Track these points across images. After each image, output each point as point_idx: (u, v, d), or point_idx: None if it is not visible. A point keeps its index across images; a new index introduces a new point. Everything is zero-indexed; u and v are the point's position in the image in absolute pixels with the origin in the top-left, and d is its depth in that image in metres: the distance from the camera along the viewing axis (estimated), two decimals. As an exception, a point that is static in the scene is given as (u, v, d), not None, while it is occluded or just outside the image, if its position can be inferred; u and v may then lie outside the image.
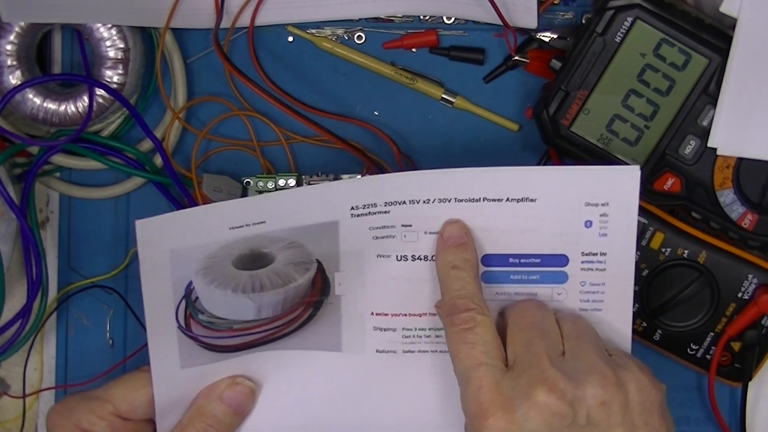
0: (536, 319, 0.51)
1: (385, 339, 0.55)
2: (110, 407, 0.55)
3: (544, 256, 0.53)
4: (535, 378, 0.48)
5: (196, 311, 0.56)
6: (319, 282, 0.56)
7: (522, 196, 0.53)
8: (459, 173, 0.53)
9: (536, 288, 0.54)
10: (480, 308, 0.51)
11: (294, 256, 0.56)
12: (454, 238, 0.53)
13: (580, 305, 0.54)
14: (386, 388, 0.55)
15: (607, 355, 0.51)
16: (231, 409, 0.56)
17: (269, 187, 0.64)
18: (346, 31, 0.65)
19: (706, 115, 0.59)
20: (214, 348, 0.57)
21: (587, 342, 0.51)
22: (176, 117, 0.64)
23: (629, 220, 0.52)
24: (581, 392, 0.48)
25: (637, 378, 0.49)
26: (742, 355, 0.62)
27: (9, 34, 0.61)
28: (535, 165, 0.65)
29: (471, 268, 0.53)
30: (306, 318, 0.56)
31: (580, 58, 0.59)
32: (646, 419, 0.49)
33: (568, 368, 0.49)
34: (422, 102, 0.65)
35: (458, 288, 0.52)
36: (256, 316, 0.56)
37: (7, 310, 0.63)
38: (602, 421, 0.48)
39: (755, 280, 0.61)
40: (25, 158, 0.65)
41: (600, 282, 0.53)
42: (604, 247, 0.53)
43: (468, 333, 0.50)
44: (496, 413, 0.48)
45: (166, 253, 0.56)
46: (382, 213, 0.54)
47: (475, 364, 0.49)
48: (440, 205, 0.53)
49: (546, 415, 0.47)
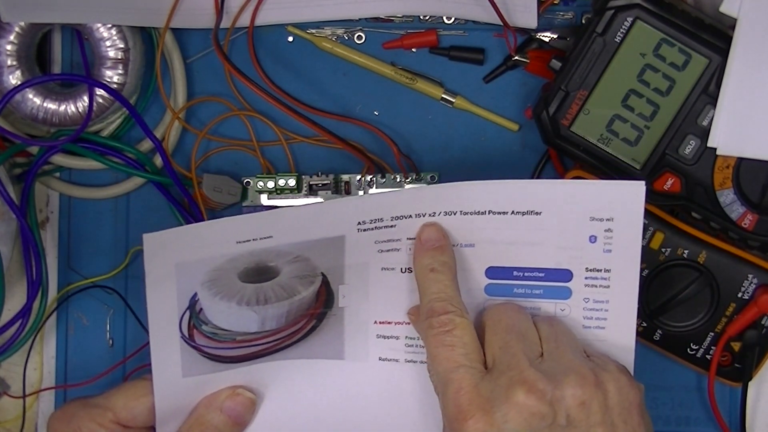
0: (514, 322, 0.51)
1: (388, 347, 0.55)
2: (111, 415, 0.55)
3: (548, 270, 0.53)
4: (514, 379, 0.48)
5: (199, 322, 0.57)
6: (324, 295, 0.56)
7: (527, 209, 0.53)
8: (464, 186, 0.53)
9: (539, 302, 0.53)
10: (459, 311, 0.51)
11: (299, 269, 0.56)
12: (432, 241, 0.53)
13: (583, 322, 0.53)
14: (388, 396, 0.55)
15: (585, 356, 0.51)
16: (231, 420, 0.56)
17: (269, 186, 0.64)
18: (346, 31, 0.65)
19: (706, 115, 0.59)
20: (217, 358, 0.57)
21: (565, 343, 0.51)
22: (176, 117, 0.64)
23: (634, 236, 0.52)
24: (560, 392, 0.48)
25: (616, 378, 0.49)
26: (742, 355, 0.62)
27: (9, 34, 0.61)
28: (535, 164, 0.65)
29: (449, 270, 0.52)
30: (309, 329, 0.56)
31: (580, 58, 0.59)
32: (625, 419, 0.49)
33: (546, 369, 0.49)
34: (422, 102, 0.65)
35: (436, 291, 0.52)
36: (260, 328, 0.56)
37: (7, 310, 0.63)
38: (582, 421, 0.48)
39: (755, 280, 0.61)
40: (25, 158, 0.65)
41: (604, 299, 0.53)
42: (608, 264, 0.52)
43: (447, 335, 0.50)
44: (475, 415, 0.47)
45: (172, 266, 0.56)
46: (388, 227, 0.54)
47: (454, 366, 0.49)
48: (446, 218, 0.53)
49: (525, 416, 0.47)
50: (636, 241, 0.52)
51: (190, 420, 0.56)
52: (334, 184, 0.64)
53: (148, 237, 0.57)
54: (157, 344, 0.56)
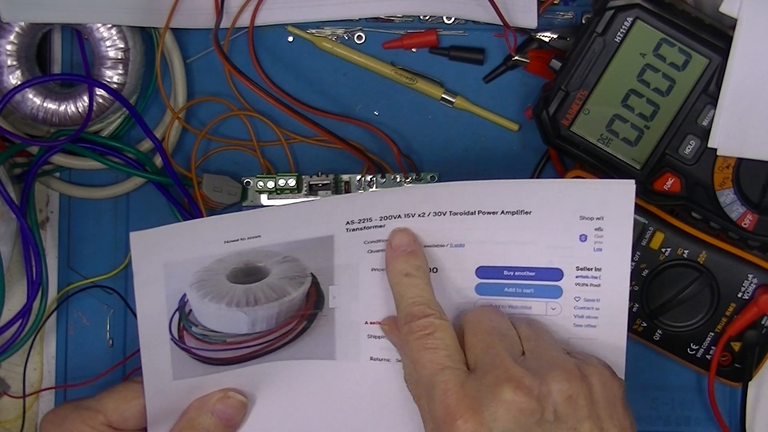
0: (494, 323, 0.51)
1: (379, 347, 0.55)
2: (102, 418, 0.55)
3: (539, 269, 0.53)
4: (500, 377, 0.48)
5: (189, 324, 0.56)
6: (314, 295, 0.56)
7: (517, 209, 0.53)
8: (454, 187, 0.53)
9: (530, 302, 0.54)
10: (438, 313, 0.51)
11: (288, 270, 0.56)
12: (404, 245, 0.53)
13: (574, 321, 0.53)
14: (380, 395, 0.55)
15: (566, 353, 0.51)
16: (222, 423, 0.55)
17: (269, 187, 0.64)
18: (346, 31, 0.65)
19: (706, 115, 0.59)
20: (207, 360, 0.56)
21: (546, 341, 0.51)
22: (176, 117, 0.64)
23: (624, 235, 0.52)
24: (547, 388, 0.48)
25: (599, 372, 0.50)
26: (742, 355, 0.62)
27: (9, 34, 0.61)
28: (535, 164, 0.65)
29: (423, 274, 0.53)
30: (299, 331, 0.56)
31: (580, 58, 0.59)
32: (611, 412, 0.49)
33: (531, 366, 0.49)
34: (422, 102, 0.65)
35: (413, 295, 0.52)
36: (250, 329, 0.56)
37: (7, 310, 0.63)
38: (569, 415, 0.48)
39: (755, 280, 0.61)
40: (25, 158, 0.65)
41: (595, 298, 0.53)
42: (598, 263, 0.53)
43: (428, 338, 0.50)
44: (464, 414, 0.47)
45: (161, 266, 0.56)
46: (377, 227, 0.54)
47: (438, 368, 0.49)
48: (435, 218, 0.53)
49: (514, 413, 0.47)
50: (626, 240, 0.52)
51: (180, 422, 0.56)
52: (334, 184, 0.64)
53: (135, 235, 0.56)
54: (147, 346, 0.56)
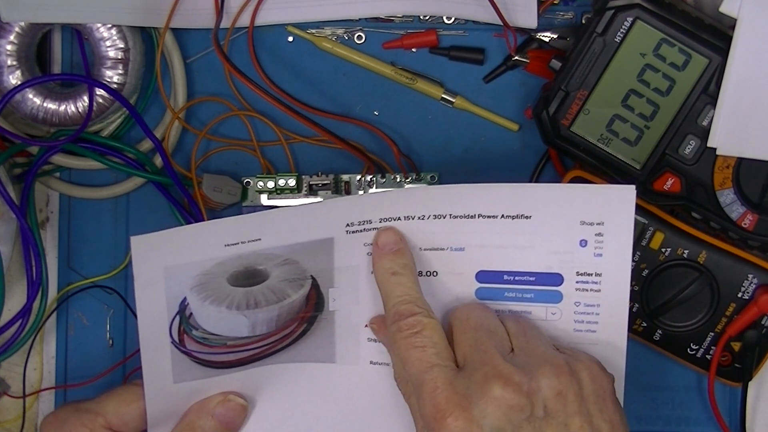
0: (482, 320, 0.51)
1: (378, 350, 0.55)
2: (102, 420, 0.55)
3: (539, 274, 0.53)
4: (489, 374, 0.48)
5: (190, 327, 0.56)
6: (314, 298, 0.56)
7: (517, 213, 0.53)
8: (454, 189, 0.53)
9: (530, 306, 0.53)
10: (425, 311, 0.51)
11: (288, 272, 0.56)
12: (390, 244, 0.53)
13: (574, 326, 0.53)
14: (379, 399, 0.55)
15: (555, 348, 0.51)
16: (222, 426, 0.55)
17: (269, 187, 0.64)
18: (346, 31, 0.65)
19: (706, 115, 0.59)
20: (208, 364, 0.57)
21: (535, 337, 0.51)
22: (176, 117, 0.64)
23: (625, 240, 0.52)
24: (536, 384, 0.48)
25: (588, 367, 0.50)
26: (742, 355, 0.62)
27: (9, 34, 0.61)
28: (535, 165, 0.65)
29: (410, 273, 0.53)
30: (300, 333, 0.56)
31: (580, 58, 0.59)
32: (600, 407, 0.49)
33: (519, 362, 0.49)
34: (422, 102, 0.65)
35: (400, 294, 0.52)
36: (251, 332, 0.56)
37: (7, 310, 0.63)
38: (559, 411, 0.48)
39: (755, 280, 0.61)
40: (25, 158, 0.65)
41: (595, 303, 0.53)
42: (599, 268, 0.52)
43: (417, 336, 0.50)
44: (454, 412, 0.47)
45: (161, 270, 0.56)
46: (377, 229, 0.54)
47: (427, 366, 0.49)
48: (435, 221, 0.53)
49: (504, 409, 0.47)
50: (627, 245, 0.52)
51: (181, 426, 0.56)
52: (334, 184, 0.64)
53: (135, 240, 0.56)
54: (147, 349, 0.56)
